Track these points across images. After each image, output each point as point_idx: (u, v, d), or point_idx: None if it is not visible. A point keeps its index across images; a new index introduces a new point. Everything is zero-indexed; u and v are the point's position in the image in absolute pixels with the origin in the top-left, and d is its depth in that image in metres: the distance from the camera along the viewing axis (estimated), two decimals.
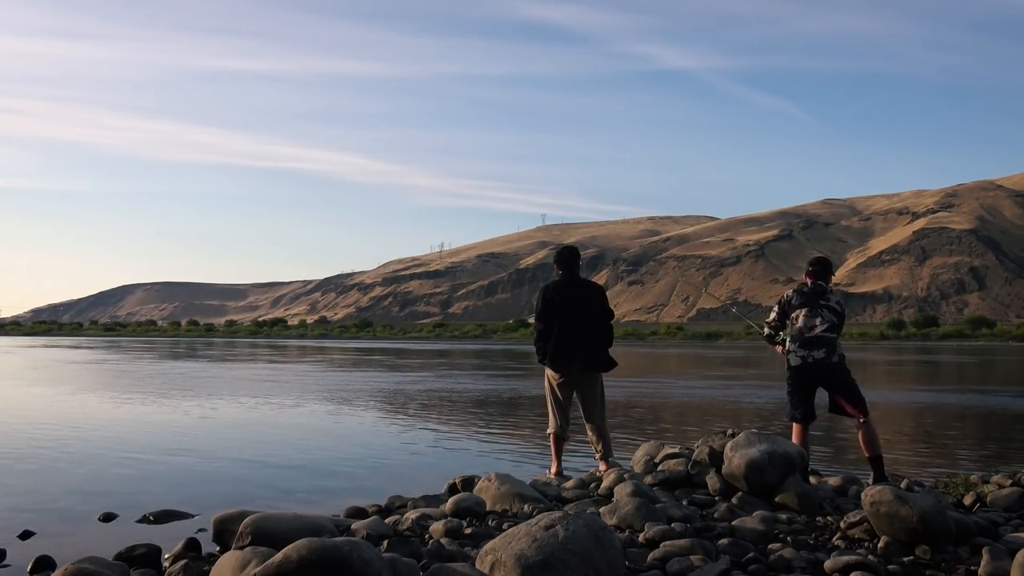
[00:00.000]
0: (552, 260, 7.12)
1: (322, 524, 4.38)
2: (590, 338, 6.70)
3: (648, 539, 4.37)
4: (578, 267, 6.95)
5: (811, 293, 6.25)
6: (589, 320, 6.71)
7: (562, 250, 6.97)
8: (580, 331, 6.67)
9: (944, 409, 14.41)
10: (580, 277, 6.94)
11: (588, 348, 6.68)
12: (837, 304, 6.25)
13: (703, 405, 15.07)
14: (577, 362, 6.67)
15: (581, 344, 6.66)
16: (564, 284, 6.82)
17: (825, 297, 6.22)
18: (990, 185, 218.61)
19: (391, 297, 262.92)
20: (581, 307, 6.70)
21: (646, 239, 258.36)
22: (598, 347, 6.73)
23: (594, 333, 6.73)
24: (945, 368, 32.99)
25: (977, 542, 4.24)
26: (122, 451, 8.94)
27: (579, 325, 6.67)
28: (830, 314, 6.14)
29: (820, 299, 6.20)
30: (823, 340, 6.07)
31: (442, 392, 17.74)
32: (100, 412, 13.03)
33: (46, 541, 5.03)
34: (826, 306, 6.18)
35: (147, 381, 20.93)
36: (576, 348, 6.65)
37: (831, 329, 6.10)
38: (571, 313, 6.67)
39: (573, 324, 6.65)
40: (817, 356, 6.06)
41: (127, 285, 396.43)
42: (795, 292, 6.36)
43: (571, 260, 6.87)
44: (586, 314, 6.70)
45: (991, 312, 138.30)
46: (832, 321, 6.12)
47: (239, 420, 12.27)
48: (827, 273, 6.42)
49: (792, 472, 5.39)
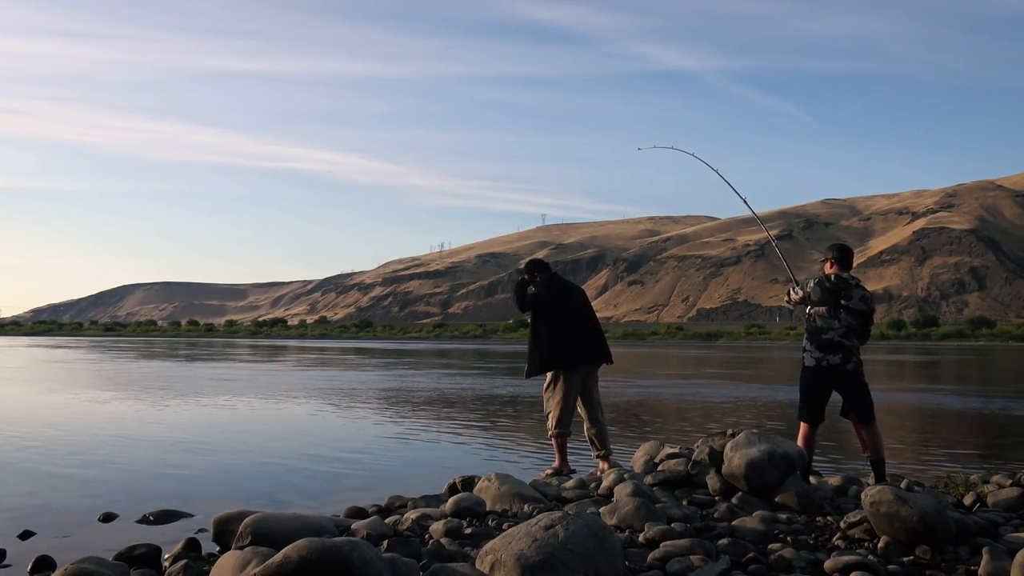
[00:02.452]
0: (530, 269, 7.16)
1: (322, 524, 4.38)
2: (598, 334, 7.05)
3: (648, 539, 4.37)
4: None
5: (831, 290, 5.85)
6: (592, 317, 7.06)
7: (536, 260, 7.28)
8: (589, 328, 6.98)
9: (944, 409, 14.41)
10: (564, 279, 7.28)
11: (599, 344, 7.01)
12: (861, 301, 5.83)
13: (703, 405, 15.06)
14: (589, 358, 6.92)
15: (592, 341, 6.96)
16: (563, 285, 7.10)
17: (847, 295, 5.82)
18: (990, 185, 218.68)
19: (391, 297, 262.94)
20: (584, 306, 7.06)
21: (646, 239, 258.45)
22: (605, 342, 7.09)
23: (599, 329, 7.11)
24: (945, 368, 32.98)
25: (977, 542, 4.24)
26: (122, 451, 8.94)
27: (587, 323, 6.98)
28: (848, 316, 5.79)
29: (840, 298, 5.82)
30: (840, 346, 5.77)
31: (442, 392, 17.73)
32: (68, 410, 13.03)
33: (46, 541, 5.02)
34: (846, 307, 5.80)
35: (110, 380, 20.93)
36: (588, 345, 6.92)
37: (849, 334, 5.78)
38: (578, 312, 6.98)
39: (582, 322, 6.95)
40: (832, 362, 5.78)
41: (127, 285, 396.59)
42: (817, 284, 5.91)
43: (543, 264, 7.22)
44: (589, 312, 7.06)
45: (991, 312, 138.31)
46: (850, 324, 5.78)
47: (239, 420, 12.26)
48: (850, 262, 6.00)
49: (792, 472, 5.39)
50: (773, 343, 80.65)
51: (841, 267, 5.95)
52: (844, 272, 5.93)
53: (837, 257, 5.98)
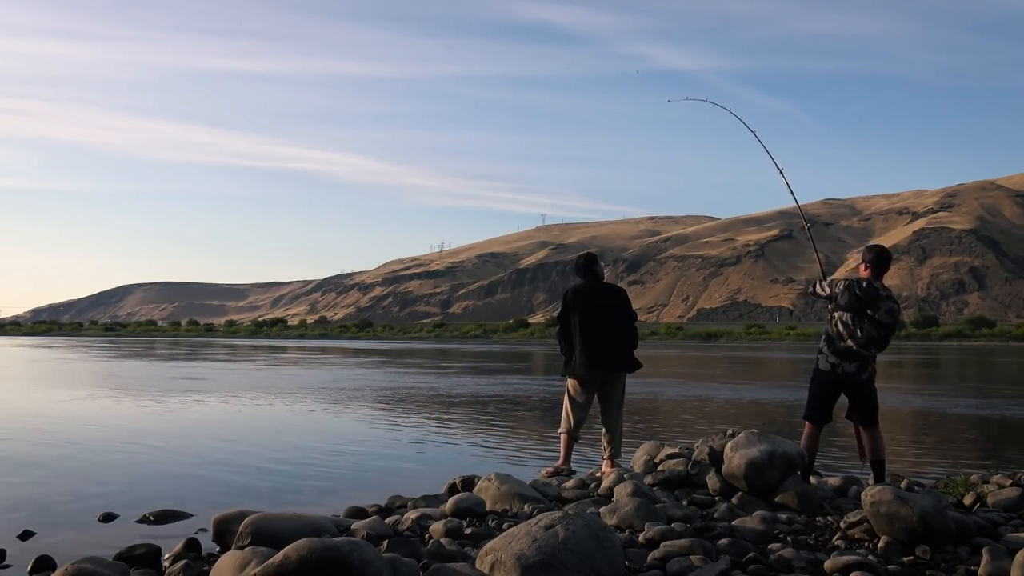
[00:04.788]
0: (574, 270, 7.25)
1: (322, 524, 4.38)
2: (616, 340, 6.93)
3: (648, 539, 4.37)
4: (599, 271, 7.18)
5: (860, 298, 5.68)
6: (615, 323, 6.94)
7: (578, 258, 7.24)
8: (606, 334, 6.89)
9: (944, 410, 14.41)
10: (603, 282, 7.21)
11: (615, 350, 6.91)
12: (887, 314, 5.68)
13: (703, 405, 15.06)
14: (604, 364, 6.87)
15: (608, 346, 6.88)
16: (586, 289, 7.06)
17: (875, 305, 5.66)
18: (990, 185, 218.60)
19: (391, 297, 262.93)
20: (606, 311, 6.94)
21: (646, 239, 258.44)
22: (623, 350, 6.97)
23: (620, 335, 6.96)
24: (945, 368, 32.99)
25: (977, 542, 4.25)
26: (122, 451, 8.94)
27: (605, 328, 6.89)
28: (872, 327, 5.67)
29: (868, 308, 5.66)
30: (857, 355, 5.69)
31: (442, 392, 17.73)
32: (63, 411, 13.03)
33: (46, 541, 5.02)
34: (871, 317, 5.66)
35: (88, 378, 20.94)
36: (603, 350, 6.85)
37: (868, 344, 5.69)
38: (597, 316, 6.89)
39: (600, 327, 6.87)
40: (848, 370, 5.72)
41: (127, 285, 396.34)
42: (846, 288, 5.74)
43: (588, 265, 7.13)
44: (611, 317, 6.94)
45: (991, 312, 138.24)
46: (872, 335, 5.67)
47: (239, 420, 12.27)
48: (885, 269, 5.87)
49: (792, 472, 5.40)
50: (773, 343, 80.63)
51: (875, 273, 5.82)
52: (877, 279, 5.80)
53: (873, 262, 5.84)
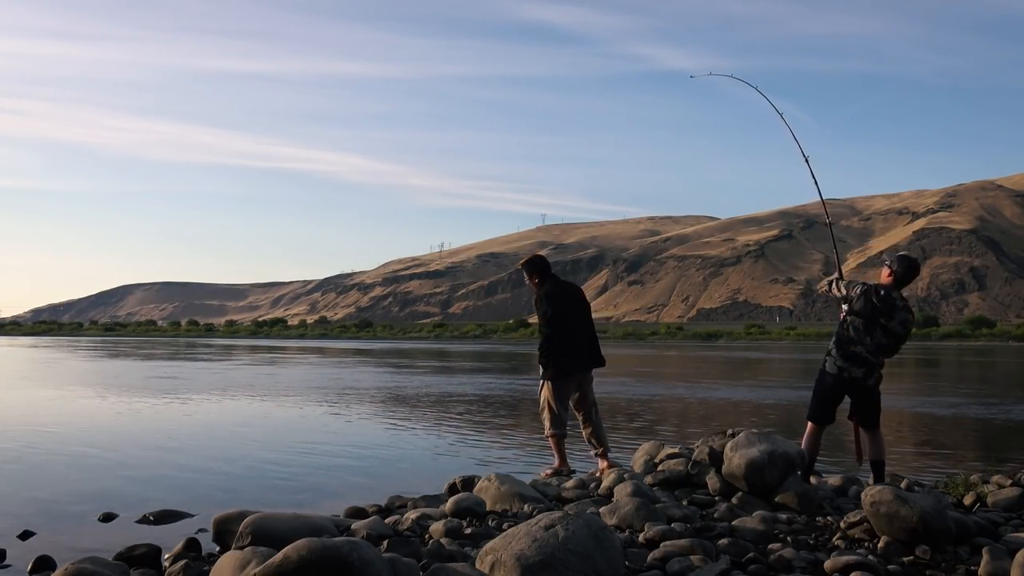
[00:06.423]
0: (529, 271, 7.06)
1: (322, 524, 4.38)
2: (593, 337, 7.06)
3: (648, 539, 4.37)
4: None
5: (877, 307, 5.62)
6: (588, 319, 7.07)
7: (535, 259, 7.18)
8: (585, 331, 6.98)
9: (944, 410, 14.41)
10: (564, 280, 7.28)
11: (593, 346, 7.02)
12: (901, 325, 5.64)
13: (703, 405, 15.06)
14: (588, 361, 6.95)
15: (588, 343, 6.97)
16: (562, 288, 7.09)
17: (890, 315, 5.60)
18: (990, 185, 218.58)
19: (391, 297, 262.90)
20: (581, 308, 7.06)
21: (646, 239, 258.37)
22: (596, 345, 7.09)
23: (592, 331, 7.10)
24: (945, 369, 32.99)
25: (977, 542, 4.25)
26: (121, 451, 8.94)
27: (583, 325, 6.98)
28: (883, 336, 5.63)
29: (882, 316, 5.60)
30: (866, 362, 5.68)
31: (442, 392, 17.73)
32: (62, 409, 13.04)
33: (46, 541, 5.03)
34: (884, 327, 5.61)
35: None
36: (585, 347, 6.94)
37: (877, 352, 5.67)
38: (575, 314, 6.97)
39: (578, 325, 6.94)
40: (855, 374, 5.70)
41: (127, 285, 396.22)
42: (863, 294, 5.68)
43: (546, 264, 7.18)
44: (585, 314, 7.07)
45: (991, 312, 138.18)
46: (882, 343, 5.65)
47: (238, 420, 12.27)
48: (909, 281, 5.77)
49: (792, 472, 5.40)
50: (773, 343, 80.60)
51: (897, 283, 5.74)
52: (896, 290, 5.72)
53: (899, 272, 5.75)
